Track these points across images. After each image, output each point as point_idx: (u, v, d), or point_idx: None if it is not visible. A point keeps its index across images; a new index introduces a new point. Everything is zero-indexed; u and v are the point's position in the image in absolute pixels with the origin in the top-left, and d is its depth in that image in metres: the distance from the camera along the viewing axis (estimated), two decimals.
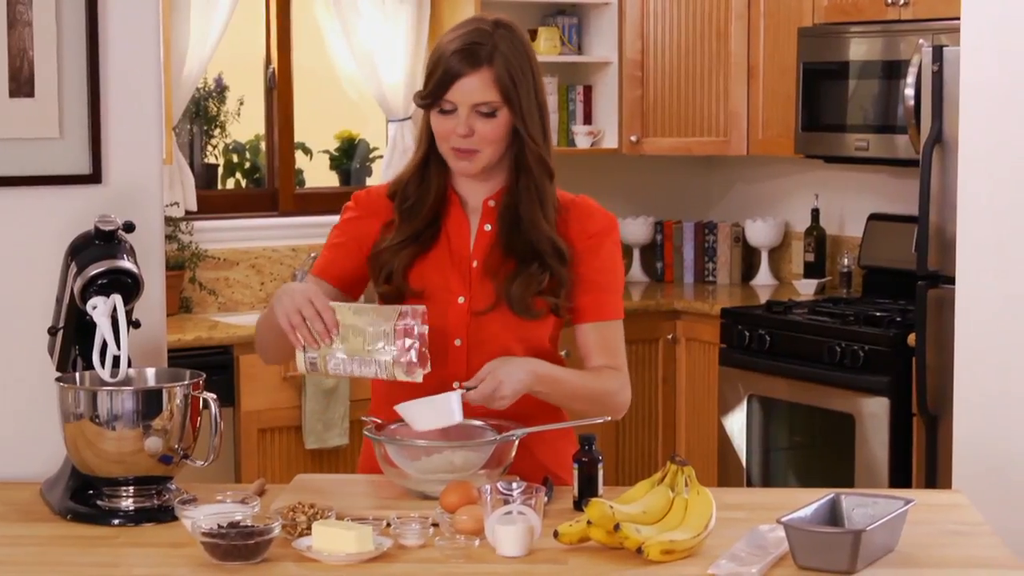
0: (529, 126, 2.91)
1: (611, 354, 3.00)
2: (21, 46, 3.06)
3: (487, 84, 2.87)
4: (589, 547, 2.54)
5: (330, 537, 2.49)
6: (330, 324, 2.76)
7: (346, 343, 2.78)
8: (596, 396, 2.97)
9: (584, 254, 2.97)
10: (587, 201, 3.04)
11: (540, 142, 2.93)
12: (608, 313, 3.00)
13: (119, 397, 2.73)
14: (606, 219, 3.02)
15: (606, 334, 3.00)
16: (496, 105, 2.88)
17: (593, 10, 6.54)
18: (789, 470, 5.75)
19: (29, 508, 2.85)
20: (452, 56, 2.87)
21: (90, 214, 2.92)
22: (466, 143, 2.89)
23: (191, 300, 5.89)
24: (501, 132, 2.90)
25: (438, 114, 2.91)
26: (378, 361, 2.78)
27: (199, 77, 5.92)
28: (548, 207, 2.95)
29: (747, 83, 6.21)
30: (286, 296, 2.80)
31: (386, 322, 2.77)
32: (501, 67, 2.87)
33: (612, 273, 3.02)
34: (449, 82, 2.87)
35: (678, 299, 6.19)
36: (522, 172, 2.94)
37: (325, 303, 2.78)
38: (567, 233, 2.97)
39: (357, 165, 6.62)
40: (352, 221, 3.03)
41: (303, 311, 2.76)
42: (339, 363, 2.80)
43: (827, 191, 6.36)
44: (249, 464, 5.37)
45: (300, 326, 2.76)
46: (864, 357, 5.26)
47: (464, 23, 2.95)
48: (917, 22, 5.44)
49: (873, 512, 2.56)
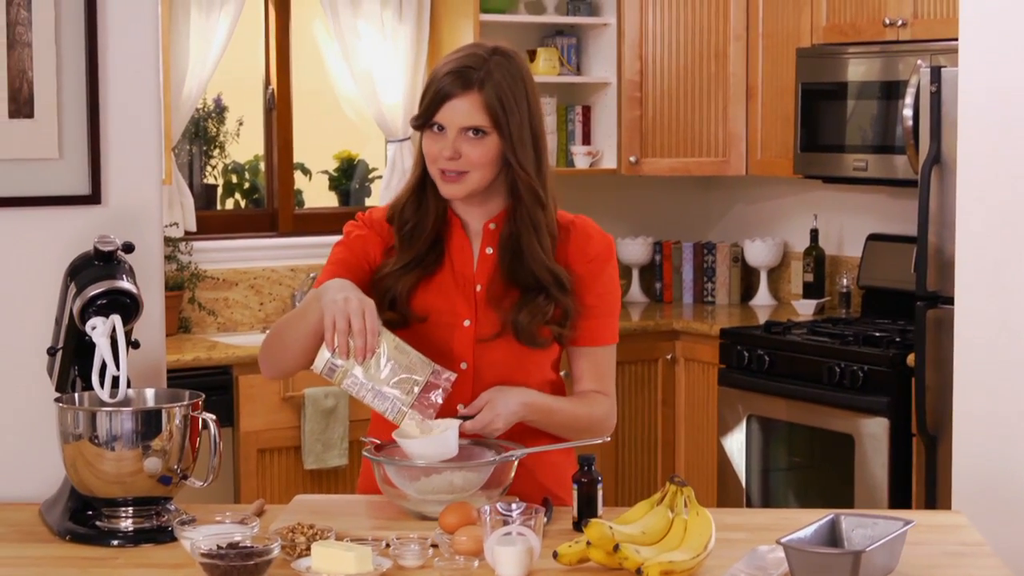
0: (519, 155, 2.89)
1: (601, 379, 3.02)
2: (21, 67, 3.06)
3: (476, 108, 2.86)
4: (588, 568, 2.54)
5: (329, 558, 2.49)
6: (370, 348, 2.72)
7: (370, 370, 2.78)
8: (585, 423, 2.99)
9: (584, 279, 2.97)
10: (586, 223, 3.03)
11: (531, 172, 2.90)
12: (603, 338, 3.01)
13: (118, 417, 2.72)
14: (604, 242, 3.02)
15: (599, 359, 3.02)
16: (485, 129, 2.87)
17: (592, 31, 6.56)
18: (788, 490, 5.75)
19: (28, 529, 2.85)
20: (444, 77, 2.87)
21: (89, 234, 2.92)
22: (453, 165, 2.88)
23: (190, 320, 5.89)
24: (489, 157, 2.88)
25: (429, 136, 2.91)
26: (393, 404, 2.79)
27: (199, 98, 5.92)
28: (543, 236, 2.93)
29: (746, 103, 6.22)
30: (341, 294, 2.74)
31: (419, 374, 2.77)
32: (491, 93, 2.86)
33: (610, 296, 3.02)
34: (439, 103, 2.87)
35: (677, 319, 6.18)
36: (517, 200, 2.94)
37: (376, 325, 2.73)
38: (566, 255, 2.97)
39: (356, 186, 6.62)
40: (357, 238, 3.00)
41: (352, 320, 2.70)
42: (355, 384, 2.78)
43: (826, 211, 6.36)
44: (248, 484, 5.36)
45: (343, 332, 2.71)
46: (863, 377, 5.26)
47: (462, 48, 2.95)
48: (915, 43, 5.45)
49: (873, 533, 2.56)
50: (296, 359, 2.87)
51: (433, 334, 2.91)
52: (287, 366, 2.92)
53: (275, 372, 2.97)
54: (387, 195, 6.17)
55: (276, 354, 2.93)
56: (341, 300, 2.72)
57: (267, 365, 2.97)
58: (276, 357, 2.93)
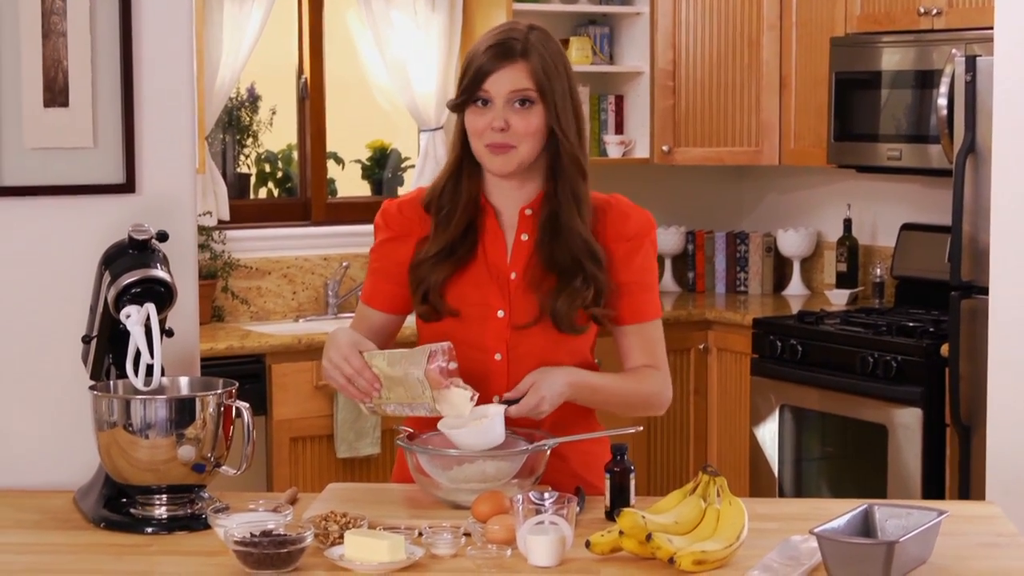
0: (563, 123, 2.89)
1: (651, 353, 3.00)
2: (56, 56, 3.07)
3: (523, 75, 2.86)
4: (621, 557, 2.54)
5: (362, 546, 2.49)
6: (370, 381, 2.79)
7: (392, 393, 2.81)
8: (636, 398, 2.98)
9: (623, 258, 2.96)
10: (621, 201, 3.02)
11: (575, 141, 2.91)
12: (648, 314, 3.00)
13: (152, 406, 2.73)
14: (643, 218, 3.01)
15: (646, 334, 3.00)
16: (532, 95, 2.86)
17: (625, 20, 6.54)
18: (821, 481, 5.73)
19: (63, 516, 2.86)
20: (485, 53, 2.87)
21: (124, 223, 2.93)
22: (501, 137, 2.87)
23: (223, 309, 5.91)
24: (536, 126, 2.87)
25: (473, 110, 2.89)
26: (425, 405, 2.81)
27: (232, 87, 5.94)
28: (584, 209, 2.93)
29: (779, 93, 6.20)
30: (331, 350, 2.82)
31: (418, 368, 2.78)
32: (536, 60, 2.86)
33: (651, 272, 3.01)
34: (483, 77, 2.86)
35: (710, 309, 6.18)
36: (559, 176, 2.93)
37: (359, 362, 2.79)
38: (603, 235, 2.96)
39: (389, 175, 6.63)
40: (386, 244, 3.01)
41: (343, 370, 2.80)
42: (394, 409, 2.85)
43: (859, 201, 6.34)
44: (281, 473, 5.38)
45: (348, 387, 2.81)
46: (897, 368, 5.24)
47: (496, 27, 2.95)
48: (950, 32, 5.43)
49: (906, 523, 2.55)
50: None
51: (466, 326, 2.91)
52: None
53: None
54: (419, 184, 6.15)
55: None
56: (326, 363, 2.83)
57: None
58: None
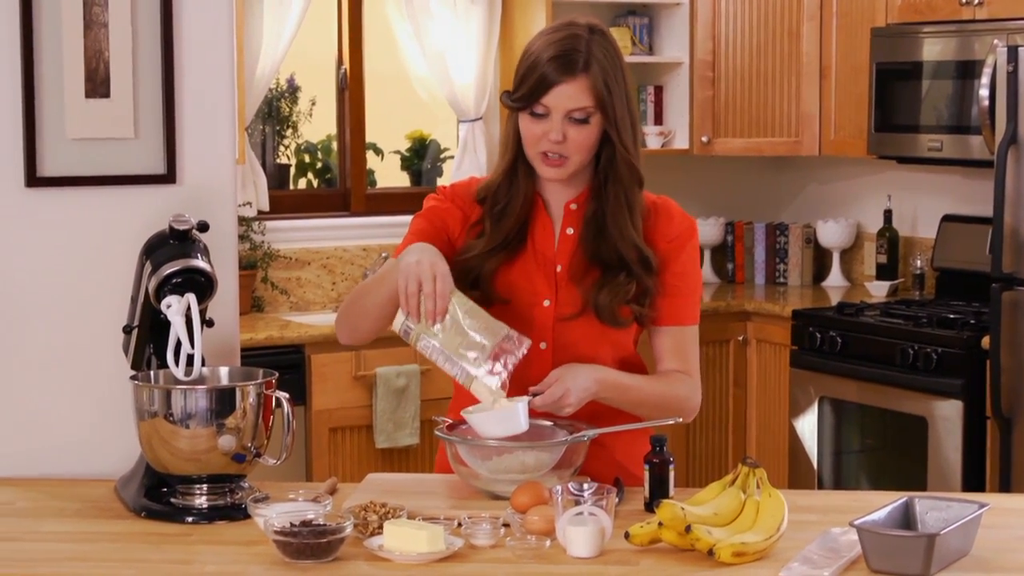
0: (621, 133, 2.89)
1: (683, 359, 2.99)
2: (97, 47, 3.09)
3: (583, 91, 2.85)
4: (660, 548, 2.54)
5: (401, 536, 2.50)
6: (439, 311, 2.73)
7: (444, 334, 2.76)
8: (664, 402, 2.96)
9: (665, 258, 2.96)
10: (668, 203, 3.02)
11: (631, 149, 2.91)
12: (684, 318, 2.99)
13: (193, 396, 2.74)
14: (686, 222, 3.01)
15: (680, 339, 3.00)
16: (590, 112, 2.86)
17: (664, 10, 6.53)
18: (860, 473, 5.72)
19: (104, 505, 2.88)
20: (549, 63, 2.85)
21: (164, 214, 2.94)
22: (557, 148, 2.87)
23: (263, 299, 5.93)
24: (592, 139, 2.88)
25: (529, 118, 2.89)
26: (463, 368, 2.78)
27: (272, 78, 5.95)
28: (636, 215, 2.93)
29: (819, 83, 6.18)
30: (415, 257, 2.75)
31: (491, 339, 2.76)
32: (597, 75, 2.85)
33: (691, 277, 3.00)
34: (545, 89, 2.85)
35: (749, 300, 6.16)
36: (611, 179, 2.92)
37: (446, 288, 2.73)
38: (651, 236, 2.96)
39: (428, 166, 6.64)
40: (436, 209, 3.00)
41: (423, 283, 2.72)
42: (429, 347, 2.78)
43: (900, 192, 6.31)
44: (320, 463, 5.39)
45: (413, 296, 2.72)
46: (937, 360, 5.22)
47: (558, 27, 2.92)
48: (992, 22, 5.39)
49: (947, 516, 2.54)
50: (373, 325, 2.90)
51: (513, 314, 2.90)
52: (364, 331, 2.95)
53: (351, 337, 2.98)
54: (458, 175, 6.17)
55: (353, 319, 2.95)
56: (414, 263, 2.74)
57: (344, 330, 2.99)
58: (353, 322, 2.95)
